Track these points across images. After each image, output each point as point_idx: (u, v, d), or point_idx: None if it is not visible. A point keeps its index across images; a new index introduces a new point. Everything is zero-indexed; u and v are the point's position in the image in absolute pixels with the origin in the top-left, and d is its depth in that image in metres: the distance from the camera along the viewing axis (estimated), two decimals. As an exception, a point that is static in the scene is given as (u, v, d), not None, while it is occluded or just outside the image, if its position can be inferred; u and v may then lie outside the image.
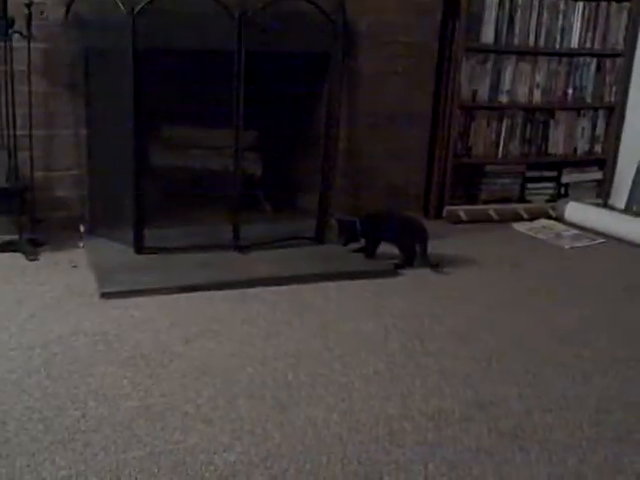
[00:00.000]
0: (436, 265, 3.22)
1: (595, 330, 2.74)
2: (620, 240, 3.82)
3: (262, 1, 3.06)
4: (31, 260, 3.06)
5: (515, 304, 2.96)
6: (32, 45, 3.07)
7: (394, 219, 3.38)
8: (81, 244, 3.22)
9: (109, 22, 3.02)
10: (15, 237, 3.15)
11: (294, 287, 2.95)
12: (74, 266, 3.02)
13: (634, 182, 4.31)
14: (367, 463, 1.84)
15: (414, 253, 3.24)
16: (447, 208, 4.04)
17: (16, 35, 3.02)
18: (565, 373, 2.39)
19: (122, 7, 2.92)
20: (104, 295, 2.73)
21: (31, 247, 3.12)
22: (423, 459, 1.87)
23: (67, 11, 3.15)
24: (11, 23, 3.01)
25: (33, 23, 3.04)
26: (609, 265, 3.54)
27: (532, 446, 1.95)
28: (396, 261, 3.22)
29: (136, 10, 2.90)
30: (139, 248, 3.11)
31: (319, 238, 3.40)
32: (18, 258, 3.07)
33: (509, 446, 1.95)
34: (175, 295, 2.78)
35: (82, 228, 3.30)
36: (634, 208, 4.27)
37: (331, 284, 3.00)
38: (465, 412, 2.11)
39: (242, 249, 3.21)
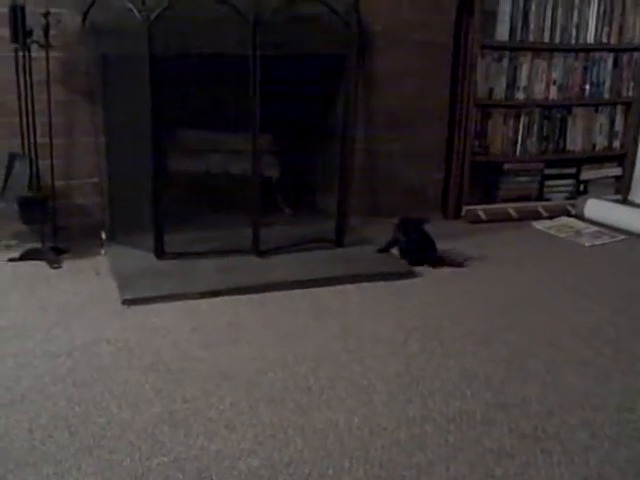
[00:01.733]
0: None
1: (615, 328, 2.73)
2: (640, 236, 3.81)
3: (275, 5, 3.09)
4: (54, 268, 3.10)
5: (534, 303, 2.95)
6: (50, 54, 3.11)
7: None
8: (102, 251, 3.26)
9: (125, 29, 3.05)
10: (38, 245, 3.20)
11: (314, 290, 2.96)
12: (97, 274, 3.05)
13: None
14: (389, 466, 1.85)
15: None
16: (466, 208, 4.03)
17: (34, 45, 3.06)
18: (586, 372, 2.38)
19: (137, 14, 2.95)
20: (126, 302, 2.76)
21: (54, 255, 3.16)
22: (445, 461, 1.88)
23: (84, 19, 3.18)
24: (29, 33, 3.04)
25: (51, 32, 3.08)
26: (629, 262, 3.51)
27: (554, 447, 1.96)
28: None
29: (152, 17, 2.93)
30: (159, 254, 3.14)
31: (338, 240, 3.41)
32: (41, 266, 3.11)
33: (530, 447, 1.95)
34: (196, 300, 2.81)
35: (103, 235, 3.33)
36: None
37: (350, 286, 3.01)
38: (486, 414, 2.11)
39: (262, 253, 3.22)
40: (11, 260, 3.14)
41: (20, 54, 3.07)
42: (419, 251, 3.30)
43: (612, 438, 2.01)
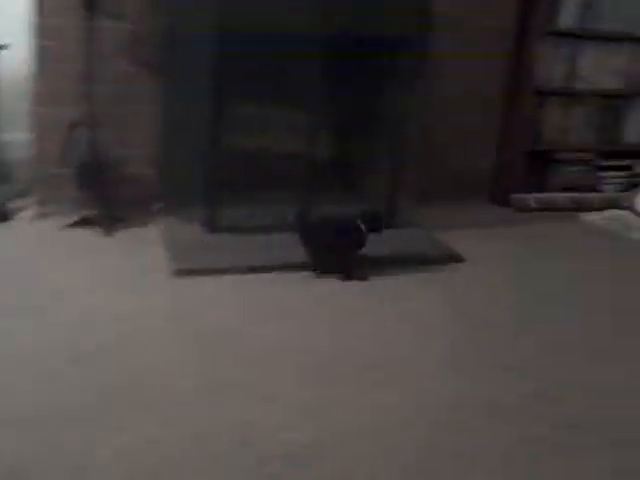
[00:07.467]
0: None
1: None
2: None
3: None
4: (107, 236, 3.17)
5: (574, 295, 2.95)
6: (117, 24, 3.17)
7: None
8: (155, 221, 3.33)
9: (193, 2, 3.10)
10: (93, 212, 3.27)
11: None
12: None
13: None
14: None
15: None
16: (515, 195, 4.01)
17: (102, 14, 3.11)
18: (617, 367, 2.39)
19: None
20: (176, 272, 2.82)
21: (108, 223, 3.23)
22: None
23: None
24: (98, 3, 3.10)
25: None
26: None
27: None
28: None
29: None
30: (211, 227, 3.20)
31: (388, 222, 3.42)
32: (95, 233, 3.18)
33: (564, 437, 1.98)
34: (244, 275, 2.86)
35: (156, 206, 3.40)
36: None
37: (397, 268, 3.03)
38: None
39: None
40: (66, 226, 3.23)
41: (89, 23, 3.12)
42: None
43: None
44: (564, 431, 2.02)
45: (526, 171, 4.05)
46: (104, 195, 3.27)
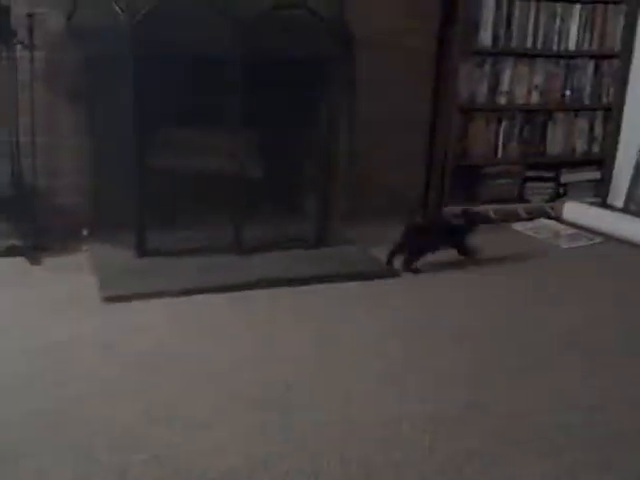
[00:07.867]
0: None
1: (586, 329, 2.78)
2: (618, 239, 3.85)
3: (260, 8, 3.12)
4: (34, 265, 3.10)
5: (508, 304, 3.00)
6: (34, 54, 3.11)
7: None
8: (84, 248, 3.27)
9: (110, 30, 3.07)
10: (19, 242, 3.19)
11: (292, 289, 2.99)
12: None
13: (632, 181, 4.36)
14: (366, 465, 1.88)
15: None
16: (447, 209, 4.07)
17: (19, 45, 3.07)
18: (558, 373, 2.43)
19: (122, 15, 2.96)
20: (106, 299, 2.78)
21: (34, 252, 3.16)
22: (419, 460, 1.91)
23: (68, 19, 3.20)
24: (14, 34, 3.05)
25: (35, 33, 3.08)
26: (604, 265, 3.56)
27: (528, 447, 2.00)
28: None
29: (136, 18, 2.95)
30: (141, 252, 3.16)
31: (320, 241, 3.44)
32: (22, 263, 3.11)
33: (504, 447, 1.99)
34: (177, 298, 2.82)
35: (84, 232, 3.34)
36: (632, 207, 4.32)
37: (330, 286, 3.04)
38: (461, 413, 2.15)
39: (243, 252, 3.25)
40: (-9, 257, 3.15)
41: (4, 54, 3.08)
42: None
43: (585, 439, 2.05)
44: (498, 442, 2.04)
45: (456, 186, 4.12)
46: (30, 224, 3.20)
